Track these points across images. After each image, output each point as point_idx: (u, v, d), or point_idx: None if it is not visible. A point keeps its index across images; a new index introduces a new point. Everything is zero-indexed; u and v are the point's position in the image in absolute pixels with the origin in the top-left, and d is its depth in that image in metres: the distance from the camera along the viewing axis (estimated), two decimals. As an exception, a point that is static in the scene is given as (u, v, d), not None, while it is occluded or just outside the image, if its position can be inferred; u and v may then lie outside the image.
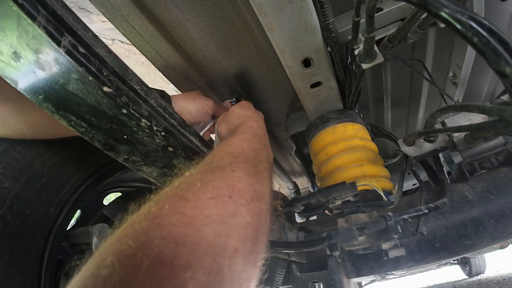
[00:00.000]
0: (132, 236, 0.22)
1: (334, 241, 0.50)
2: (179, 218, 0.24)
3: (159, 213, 0.24)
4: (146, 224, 0.23)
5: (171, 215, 0.24)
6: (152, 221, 0.23)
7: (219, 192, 0.29)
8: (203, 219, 0.25)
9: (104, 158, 0.73)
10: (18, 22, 0.29)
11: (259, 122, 0.57)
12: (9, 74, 0.35)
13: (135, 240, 0.21)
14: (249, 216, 0.30)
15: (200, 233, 0.24)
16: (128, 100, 0.37)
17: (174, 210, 0.25)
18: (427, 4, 0.27)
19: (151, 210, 0.25)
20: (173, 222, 0.24)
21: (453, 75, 0.76)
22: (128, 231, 0.23)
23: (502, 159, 0.63)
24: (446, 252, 0.59)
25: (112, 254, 0.21)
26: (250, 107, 0.63)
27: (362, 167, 0.66)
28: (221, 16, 0.62)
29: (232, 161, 0.37)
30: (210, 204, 0.27)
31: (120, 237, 0.22)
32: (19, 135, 0.55)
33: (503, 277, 2.67)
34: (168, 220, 0.24)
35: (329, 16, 0.50)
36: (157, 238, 0.22)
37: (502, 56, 0.25)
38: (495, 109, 0.35)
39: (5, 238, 0.53)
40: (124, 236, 0.22)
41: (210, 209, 0.27)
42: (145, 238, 0.22)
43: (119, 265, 0.20)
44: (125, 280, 0.19)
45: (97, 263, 0.20)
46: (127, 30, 0.66)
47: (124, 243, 0.21)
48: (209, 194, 0.28)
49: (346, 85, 0.66)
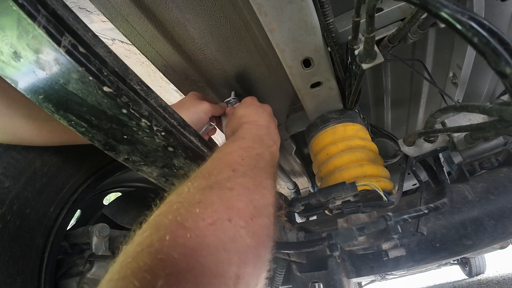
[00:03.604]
0: (136, 276, 0.22)
1: (334, 241, 0.50)
2: (181, 251, 0.24)
3: (161, 246, 0.24)
4: (149, 261, 0.23)
5: (172, 248, 0.24)
6: (155, 256, 0.23)
7: (218, 217, 0.29)
8: (204, 249, 0.25)
9: (104, 158, 0.73)
10: (18, 22, 0.29)
11: (259, 121, 0.56)
12: (9, 74, 0.35)
13: (141, 281, 0.22)
14: (250, 238, 0.29)
15: (202, 265, 0.24)
16: (128, 100, 0.37)
17: (175, 241, 0.25)
18: (427, 4, 0.27)
19: (152, 241, 0.25)
20: (175, 258, 0.24)
21: (453, 75, 0.76)
22: (133, 268, 0.23)
23: (502, 159, 0.63)
24: (446, 252, 0.59)
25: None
26: (253, 105, 0.62)
27: (362, 167, 0.66)
28: (221, 16, 0.62)
29: (231, 175, 0.36)
30: (210, 232, 0.27)
31: (126, 275, 0.23)
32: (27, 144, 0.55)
33: (503, 277, 2.67)
34: (170, 255, 0.24)
35: (329, 16, 0.50)
36: (161, 278, 0.22)
37: (502, 56, 0.25)
38: (495, 109, 0.35)
39: (5, 238, 0.53)
40: (130, 274, 0.22)
41: (210, 236, 0.27)
42: (150, 277, 0.22)
43: None
44: None
45: None
46: (127, 30, 0.66)
47: (130, 282, 0.22)
48: (208, 220, 0.28)
49: (346, 85, 0.66)
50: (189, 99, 0.66)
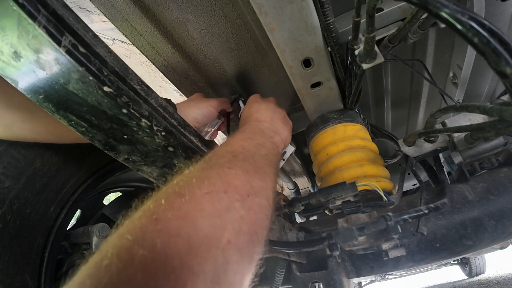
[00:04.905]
0: (131, 231, 0.24)
1: (334, 241, 0.50)
2: (174, 213, 0.26)
3: (157, 209, 0.26)
4: (144, 220, 0.25)
5: (167, 211, 0.26)
6: (150, 217, 0.25)
7: (214, 188, 0.30)
8: (198, 212, 0.26)
9: (104, 158, 0.73)
10: (19, 22, 0.29)
11: (260, 117, 0.58)
12: (9, 74, 0.35)
13: (133, 235, 0.23)
14: (244, 211, 0.30)
15: (194, 225, 0.25)
16: (129, 100, 0.37)
17: (171, 206, 0.26)
18: (428, 4, 0.27)
19: (149, 207, 0.27)
20: (168, 217, 0.25)
21: (454, 75, 0.76)
22: (129, 227, 0.25)
23: (502, 159, 0.63)
24: (446, 252, 0.59)
25: (113, 248, 0.22)
26: (255, 102, 0.63)
27: (362, 167, 0.66)
28: (221, 16, 0.62)
29: (231, 159, 0.38)
30: (205, 199, 0.28)
31: (121, 233, 0.24)
32: (23, 140, 0.55)
33: (503, 277, 2.67)
34: (164, 215, 0.25)
35: (329, 16, 0.50)
36: (152, 232, 0.23)
37: (502, 56, 0.25)
38: (495, 109, 0.35)
39: (5, 238, 0.53)
40: (125, 232, 0.24)
41: (205, 203, 0.28)
42: (142, 233, 0.23)
43: (117, 257, 0.22)
44: (121, 270, 0.21)
45: (101, 255, 0.22)
46: (127, 30, 0.66)
47: (124, 238, 0.23)
48: (204, 190, 0.29)
49: (346, 85, 0.66)
50: (197, 96, 0.69)
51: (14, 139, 0.54)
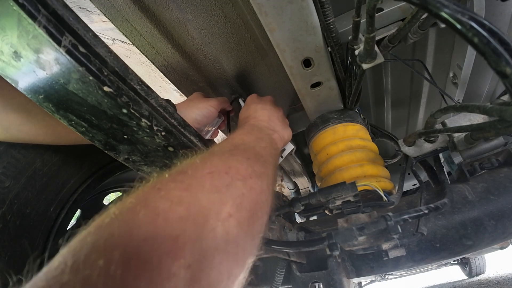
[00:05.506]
0: (135, 196, 0.25)
1: (334, 241, 0.50)
2: (177, 185, 0.27)
3: (160, 180, 0.28)
4: (147, 189, 0.26)
5: (170, 182, 0.27)
6: (153, 186, 0.26)
7: (216, 168, 0.31)
8: (199, 187, 0.28)
9: (104, 158, 0.73)
10: (19, 22, 0.29)
11: (257, 117, 0.58)
12: (9, 73, 0.35)
13: (137, 198, 0.25)
14: (246, 190, 0.31)
15: (195, 197, 0.26)
16: (129, 100, 0.37)
17: (174, 178, 0.28)
18: (428, 4, 0.27)
19: (153, 180, 0.28)
20: (171, 187, 0.26)
21: (454, 75, 0.76)
22: (133, 195, 0.26)
23: (502, 159, 0.63)
24: (446, 252, 0.59)
25: (117, 208, 0.24)
26: (252, 103, 0.63)
27: (362, 167, 0.66)
28: (221, 16, 0.62)
29: (233, 148, 0.39)
30: (207, 177, 0.29)
31: (126, 199, 0.25)
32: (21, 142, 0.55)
33: (503, 278, 2.67)
34: (167, 185, 0.27)
35: (329, 16, 0.50)
36: (155, 197, 0.25)
37: (502, 56, 0.25)
38: (495, 109, 0.35)
39: (5, 238, 0.53)
40: (129, 197, 0.25)
41: (206, 180, 0.29)
42: (145, 197, 0.25)
43: (120, 215, 0.23)
44: (123, 224, 0.22)
45: (104, 215, 0.23)
46: (127, 30, 0.66)
47: (127, 201, 0.24)
48: (206, 170, 0.30)
49: (347, 85, 0.66)
50: (196, 96, 0.69)
51: (12, 141, 0.54)
